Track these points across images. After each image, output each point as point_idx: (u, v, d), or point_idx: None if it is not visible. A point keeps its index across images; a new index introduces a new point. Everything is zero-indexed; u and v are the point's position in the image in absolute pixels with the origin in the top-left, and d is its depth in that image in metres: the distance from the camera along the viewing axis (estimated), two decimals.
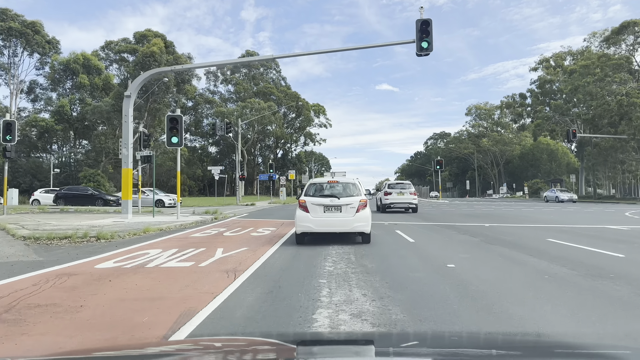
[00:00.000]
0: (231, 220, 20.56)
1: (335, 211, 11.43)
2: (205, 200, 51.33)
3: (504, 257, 9.22)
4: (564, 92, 59.52)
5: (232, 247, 10.98)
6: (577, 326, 4.63)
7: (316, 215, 11.39)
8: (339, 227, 11.43)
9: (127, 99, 20.68)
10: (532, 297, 5.82)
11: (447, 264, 8.40)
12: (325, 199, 11.54)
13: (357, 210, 11.40)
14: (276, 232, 14.85)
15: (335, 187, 12.11)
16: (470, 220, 20.05)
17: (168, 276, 7.45)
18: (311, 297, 5.79)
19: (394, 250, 10.40)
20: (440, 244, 11.45)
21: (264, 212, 29.11)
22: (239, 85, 78.02)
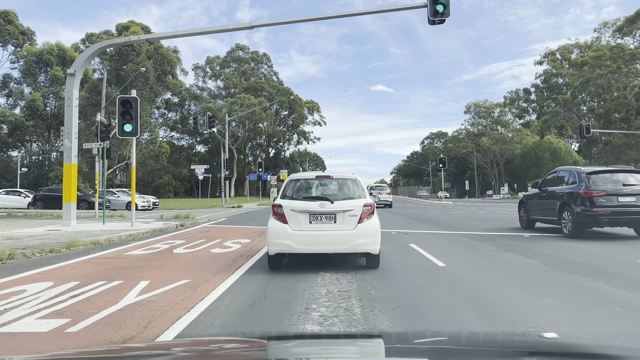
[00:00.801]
0: (199, 228, 16.62)
1: (328, 221, 7.65)
2: (188, 202, 47.31)
3: (625, 307, 5.34)
4: (573, 85, 55.92)
5: (166, 279, 7.07)
6: None
7: (298, 227, 7.62)
8: (332, 246, 7.64)
9: (71, 78, 16.74)
10: None
11: (534, 324, 4.52)
12: (313, 202, 7.78)
13: (361, 220, 7.63)
14: (248, 247, 10.95)
15: (328, 185, 8.38)
16: (493, 226, 16.22)
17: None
18: None
19: (422, 286, 6.48)
20: (488, 272, 7.55)
21: (247, 216, 25.19)
22: (228, 81, 73.98)
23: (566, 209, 12.57)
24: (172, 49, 68.91)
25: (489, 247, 10.56)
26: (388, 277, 7.11)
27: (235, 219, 22.30)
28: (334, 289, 6.26)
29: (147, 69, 43.62)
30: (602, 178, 12.43)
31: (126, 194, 33.51)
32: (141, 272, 7.75)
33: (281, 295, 5.98)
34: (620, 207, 11.90)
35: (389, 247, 10.43)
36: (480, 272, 7.45)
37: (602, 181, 12.34)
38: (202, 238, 13.15)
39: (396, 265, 8.19)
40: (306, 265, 8.24)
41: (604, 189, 12.07)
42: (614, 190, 12.03)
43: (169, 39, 15.44)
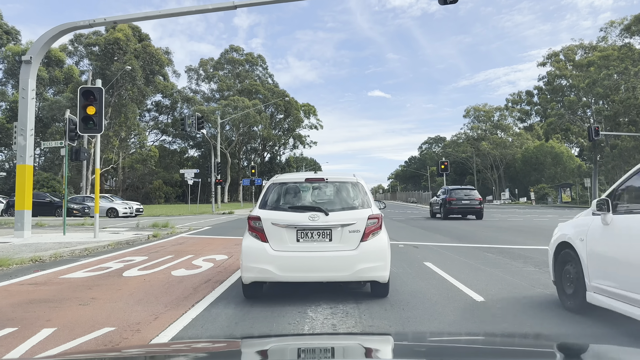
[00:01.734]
0: (174, 240, 14.34)
1: (321, 238, 5.65)
2: (177, 208, 44.97)
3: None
4: (578, 87, 53.94)
5: (82, 324, 4.83)
6: None
7: (282, 247, 5.65)
8: (327, 272, 5.62)
9: (26, 66, 14.47)
10: None
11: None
12: (302, 214, 5.76)
13: (365, 237, 5.63)
14: (222, 266, 8.69)
15: (322, 190, 6.38)
16: (514, 237, 14.02)
17: None
18: None
19: None
20: (558, 316, 5.32)
21: (236, 223, 22.92)
22: (222, 83, 71.78)
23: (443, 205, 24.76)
24: (164, 49, 66.89)
25: (527, 267, 8.33)
26: (407, 321, 4.87)
27: (221, 227, 20.02)
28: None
29: (134, 68, 41.38)
30: (456, 191, 25.03)
31: (108, 200, 31.18)
32: (57, 309, 5.50)
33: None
34: (462, 205, 24.38)
35: (399, 268, 8.18)
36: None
37: (455, 193, 24.85)
38: (171, 253, 10.88)
39: (414, 298, 5.95)
40: (291, 297, 6.00)
41: (455, 197, 24.53)
42: (459, 197, 24.36)
43: (139, 21, 13.52)
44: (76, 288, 6.87)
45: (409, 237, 14.16)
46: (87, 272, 8.30)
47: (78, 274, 8.18)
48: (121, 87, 44.04)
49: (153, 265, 9.06)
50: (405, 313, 5.19)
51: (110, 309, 5.54)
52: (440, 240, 13.17)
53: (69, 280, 7.54)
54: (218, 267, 8.59)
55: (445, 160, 45.93)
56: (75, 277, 7.87)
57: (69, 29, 14.53)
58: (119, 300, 5.97)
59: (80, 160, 19.66)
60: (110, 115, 45.00)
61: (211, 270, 8.25)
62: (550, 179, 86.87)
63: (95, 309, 5.55)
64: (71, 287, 6.97)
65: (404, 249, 11.07)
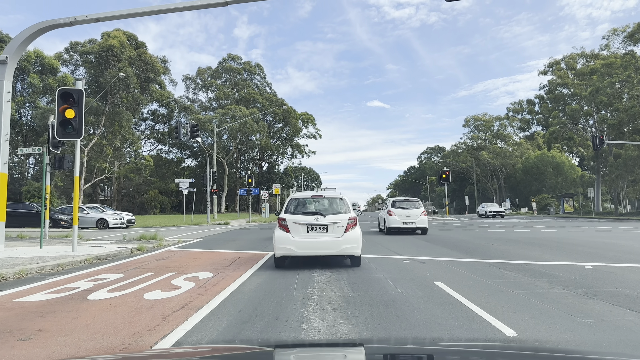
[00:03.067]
0: (159, 254, 13.24)
1: (321, 231, 9.50)
2: (171, 219, 43.84)
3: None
4: (580, 95, 53.13)
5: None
6: None
7: (298, 235, 9.43)
8: (324, 250, 9.42)
9: (1, 67, 13.47)
10: None
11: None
12: (309, 216, 9.61)
13: (346, 230, 9.51)
14: (204, 287, 7.60)
15: (321, 202, 10.17)
16: (528, 251, 12.95)
17: None
18: None
19: None
20: None
21: (230, 235, 21.81)
22: (220, 92, 70.95)
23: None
24: (161, 58, 66.15)
25: (555, 288, 7.24)
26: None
27: (213, 239, 18.90)
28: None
29: (128, 75, 40.42)
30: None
31: (98, 210, 30.06)
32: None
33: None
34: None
35: (407, 289, 7.11)
36: None
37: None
38: (151, 270, 9.79)
39: (431, 331, 4.86)
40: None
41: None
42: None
43: (123, 18, 12.76)
44: (26, 316, 5.78)
45: (413, 251, 13.08)
46: (48, 294, 7.21)
47: (37, 296, 7.09)
48: (115, 95, 43.08)
49: (127, 285, 7.97)
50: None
51: (53, 346, 4.46)
52: (448, 255, 12.09)
53: (22, 305, 6.45)
54: (199, 288, 7.50)
55: (446, 169, 44.96)
56: (32, 300, 6.78)
57: (48, 27, 13.53)
58: (69, 334, 4.88)
59: (64, 168, 18.58)
60: (104, 123, 43.99)
61: (190, 293, 7.16)
62: (551, 189, 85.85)
63: (34, 346, 4.47)
64: (21, 314, 5.89)
65: (409, 265, 9.99)
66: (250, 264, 10.49)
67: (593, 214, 56.13)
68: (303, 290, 7.22)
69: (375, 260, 11.01)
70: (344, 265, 10.02)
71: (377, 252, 12.94)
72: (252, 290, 7.31)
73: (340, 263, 10.42)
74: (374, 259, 11.15)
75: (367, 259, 11.09)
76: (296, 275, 8.77)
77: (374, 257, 11.69)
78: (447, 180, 42.06)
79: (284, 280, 8.15)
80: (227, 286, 7.64)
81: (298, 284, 7.81)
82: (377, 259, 11.15)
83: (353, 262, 9.75)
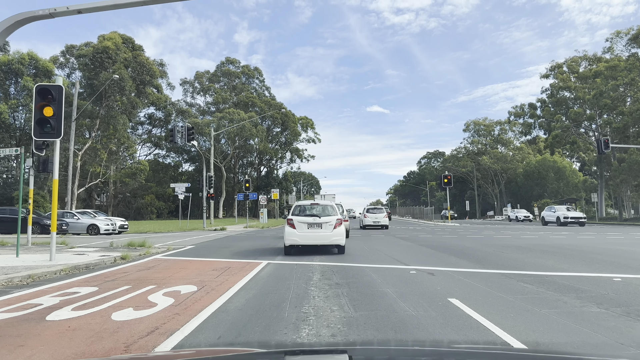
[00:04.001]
0: (142, 264, 12.25)
1: (317, 227, 13.36)
2: (167, 225, 42.81)
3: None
4: (583, 99, 52.28)
5: None
6: None
7: (302, 231, 13.33)
8: (320, 241, 13.33)
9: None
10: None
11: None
12: (309, 218, 13.50)
13: (335, 227, 13.35)
14: (183, 305, 6.61)
15: (317, 208, 14.14)
16: (546, 260, 11.98)
17: None
18: None
19: None
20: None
21: (224, 241, 20.82)
22: (218, 95, 70.08)
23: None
24: (158, 61, 65.30)
25: (588, 306, 6.26)
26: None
27: (205, 246, 17.90)
28: None
29: (123, 78, 39.48)
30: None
31: (89, 216, 29.05)
32: None
33: None
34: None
35: (418, 308, 6.12)
36: None
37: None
38: (129, 282, 8.80)
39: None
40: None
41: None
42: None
43: (108, 9, 11.93)
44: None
45: (419, 260, 12.10)
46: (1, 313, 6.23)
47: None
48: (110, 98, 42.15)
49: (97, 301, 6.98)
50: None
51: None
52: (457, 264, 11.11)
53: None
54: (177, 306, 6.51)
55: (448, 174, 44.00)
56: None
57: (26, 19, 12.60)
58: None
59: (48, 171, 17.63)
60: (99, 127, 43.03)
61: (166, 312, 6.17)
62: (553, 194, 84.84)
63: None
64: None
65: (417, 277, 9.00)
66: (241, 275, 9.51)
67: (597, 219, 55.18)
68: (297, 308, 6.24)
69: (379, 271, 10.02)
70: (344, 277, 9.05)
71: (379, 260, 11.96)
72: (239, 308, 6.33)
73: (341, 273, 9.44)
74: (377, 270, 10.16)
75: (370, 270, 10.11)
76: (290, 289, 7.79)
77: (377, 267, 10.71)
78: (449, 185, 41.10)
79: (276, 296, 7.17)
80: (211, 303, 6.66)
81: (292, 300, 6.83)
82: (381, 270, 10.17)
83: (339, 250, 13.76)
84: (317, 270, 10.17)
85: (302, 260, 12.07)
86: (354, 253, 14.10)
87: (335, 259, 12.29)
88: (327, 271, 9.97)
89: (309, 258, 12.70)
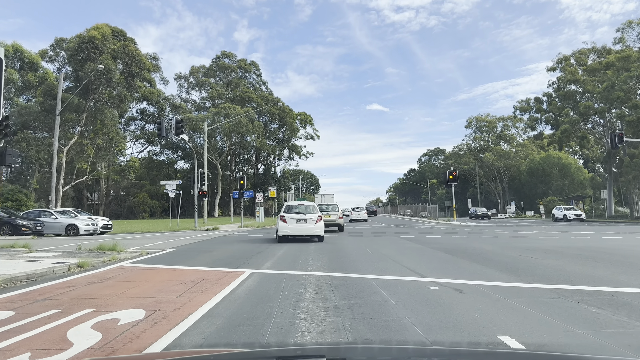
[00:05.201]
0: (100, 274, 10.11)
1: (303, 222, 17.87)
2: (157, 224, 40.69)
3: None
4: (593, 92, 50.16)
5: None
6: None
7: (292, 225, 17.76)
8: (305, 232, 17.80)
9: None
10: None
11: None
12: (297, 215, 18.04)
13: (316, 222, 17.95)
14: (106, 350, 4.46)
15: (303, 207, 18.86)
16: (594, 269, 9.87)
17: None
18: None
19: None
20: None
21: (209, 244, 18.69)
22: (213, 90, 67.90)
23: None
24: (151, 55, 63.07)
25: None
26: None
27: (186, 250, 15.75)
28: None
29: (110, 69, 37.34)
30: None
31: (69, 216, 26.90)
32: None
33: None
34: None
35: None
36: None
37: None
38: (62, 304, 6.67)
39: None
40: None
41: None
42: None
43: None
44: None
45: (436, 269, 9.96)
46: None
47: None
48: (96, 90, 39.97)
49: (6, 333, 4.86)
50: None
51: None
52: (486, 275, 8.97)
53: None
54: (100, 350, 4.37)
55: (453, 170, 41.86)
56: None
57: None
58: None
59: (7, 164, 15.47)
60: (85, 121, 40.86)
61: (83, 355, 4.04)
62: (557, 191, 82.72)
63: None
64: None
65: (441, 296, 6.85)
66: (214, 292, 7.39)
67: (606, 218, 53.12)
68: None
69: (390, 285, 7.86)
70: (346, 295, 6.91)
71: (388, 270, 9.82)
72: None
73: (341, 289, 7.31)
74: (388, 284, 8.01)
75: (378, 284, 7.96)
76: (272, 316, 5.63)
77: (387, 279, 8.56)
78: (454, 182, 39.00)
79: (248, 331, 5.00)
80: (151, 344, 4.53)
81: (270, 338, 4.69)
82: (392, 284, 8.01)
83: (319, 240, 18.00)
84: (311, 284, 8.05)
85: (294, 269, 9.96)
86: (356, 259, 11.99)
87: (333, 267, 10.18)
88: (324, 286, 7.85)
89: (302, 264, 10.58)
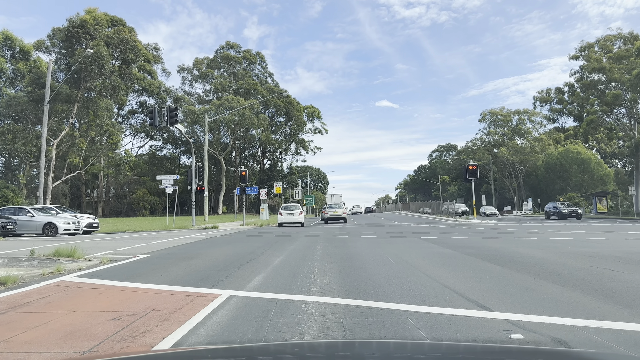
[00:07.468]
0: (12, 298, 7.23)
1: (292, 215, 33.06)
2: (153, 222, 38.01)
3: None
4: (621, 80, 46.68)
5: None
6: None
7: (286, 216, 33.05)
8: (293, 220, 32.65)
9: None
10: None
11: None
12: (288, 210, 33.44)
13: (299, 214, 33.35)
14: None
15: (291, 206, 34.16)
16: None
17: None
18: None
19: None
20: None
21: (196, 247, 15.82)
22: (217, 81, 65.13)
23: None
24: (153, 45, 60.45)
25: None
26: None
27: (165, 255, 12.88)
28: None
29: (100, 54, 34.70)
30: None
31: (47, 213, 24.19)
32: None
33: None
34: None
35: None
36: None
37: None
38: None
39: None
40: None
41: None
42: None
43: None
44: None
45: (497, 292, 6.95)
46: None
47: None
48: (87, 78, 37.32)
49: None
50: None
51: None
52: (578, 305, 5.97)
53: None
54: None
55: (473, 163, 38.72)
56: None
57: None
58: None
59: None
60: (77, 112, 38.21)
61: None
62: (576, 188, 79.03)
63: None
64: None
65: None
66: (152, 341, 4.45)
67: (635, 214, 49.74)
68: None
69: (438, 327, 4.79)
70: None
71: (424, 292, 6.81)
72: None
73: (359, 335, 4.37)
74: (434, 323, 4.96)
75: (418, 322, 4.94)
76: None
77: (429, 312, 5.51)
78: (474, 176, 35.95)
79: None
80: None
81: None
82: (441, 323, 4.95)
83: (301, 225, 33.28)
84: (313, 322, 5.10)
85: (291, 290, 7.02)
86: (374, 271, 9.01)
87: (345, 287, 7.22)
88: (333, 327, 4.89)
89: (303, 281, 7.64)
